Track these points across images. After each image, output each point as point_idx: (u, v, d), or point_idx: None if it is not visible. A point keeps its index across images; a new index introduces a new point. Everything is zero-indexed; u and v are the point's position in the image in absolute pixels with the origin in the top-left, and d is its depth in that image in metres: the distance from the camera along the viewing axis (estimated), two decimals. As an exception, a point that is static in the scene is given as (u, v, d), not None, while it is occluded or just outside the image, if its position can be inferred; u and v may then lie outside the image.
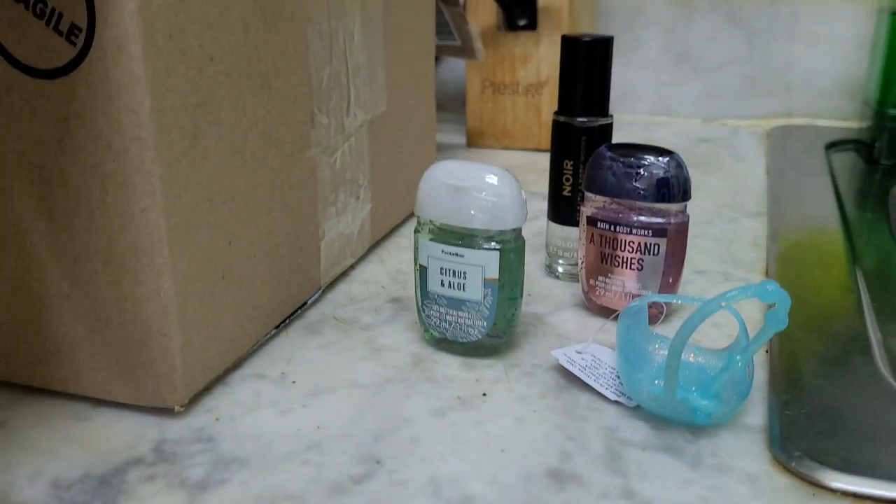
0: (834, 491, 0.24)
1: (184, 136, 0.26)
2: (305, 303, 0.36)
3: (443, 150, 0.63)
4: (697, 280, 0.40)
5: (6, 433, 0.27)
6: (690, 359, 0.28)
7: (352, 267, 0.41)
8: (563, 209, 0.38)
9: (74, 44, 0.24)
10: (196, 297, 0.28)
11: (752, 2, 0.72)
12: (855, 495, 0.24)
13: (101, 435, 0.27)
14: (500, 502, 0.24)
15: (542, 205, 0.42)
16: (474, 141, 0.66)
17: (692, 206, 0.35)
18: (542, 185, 0.41)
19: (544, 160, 0.40)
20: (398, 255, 0.43)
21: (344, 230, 0.39)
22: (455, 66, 0.76)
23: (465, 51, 0.60)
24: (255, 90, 0.30)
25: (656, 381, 0.27)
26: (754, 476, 0.25)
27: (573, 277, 0.39)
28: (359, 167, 0.40)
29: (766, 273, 0.41)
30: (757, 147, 0.66)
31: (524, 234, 0.32)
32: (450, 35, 0.60)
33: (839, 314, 0.36)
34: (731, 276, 0.40)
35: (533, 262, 0.41)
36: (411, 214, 0.48)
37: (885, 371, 0.31)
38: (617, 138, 0.39)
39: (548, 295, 0.38)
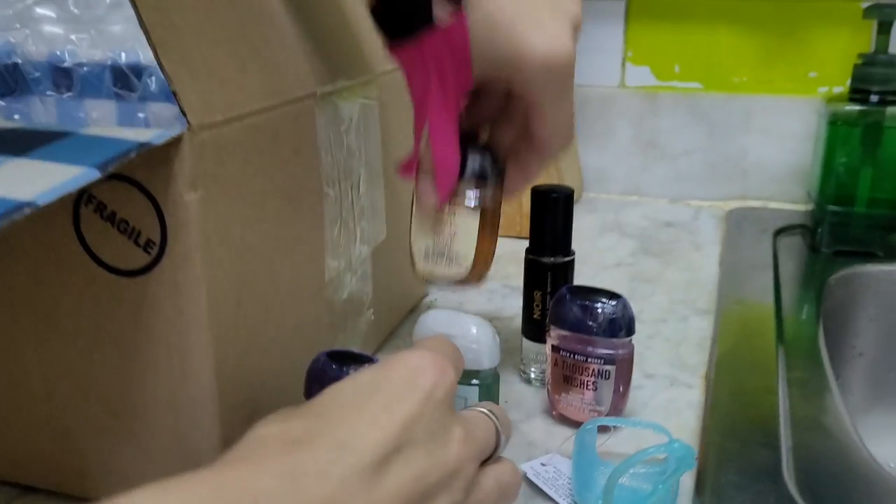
0: (733, 589, 0.32)
1: (230, 307, 0.34)
2: None
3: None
4: (647, 385, 0.47)
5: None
6: (626, 482, 0.35)
7: None
8: (534, 329, 0.46)
9: (150, 253, 0.32)
10: (238, 422, 0.35)
11: (711, 99, 0.80)
12: (748, 593, 0.31)
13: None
14: None
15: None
16: (462, 228, 0.73)
17: (655, 306, 0.42)
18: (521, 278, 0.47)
19: (524, 247, 0.47)
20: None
21: (349, 344, 0.47)
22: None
23: None
24: (282, 257, 0.38)
25: (598, 501, 0.34)
26: (673, 578, 0.32)
27: (542, 383, 0.47)
28: (363, 290, 0.48)
29: (706, 378, 0.48)
30: (714, 232, 0.74)
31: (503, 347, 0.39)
32: None
33: (759, 422, 0.43)
34: (676, 381, 0.48)
35: (511, 363, 0.48)
36: (408, 314, 0.56)
37: (788, 481, 0.38)
38: (592, 217, 0.46)
39: (521, 402, 0.45)
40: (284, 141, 0.37)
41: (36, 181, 0.26)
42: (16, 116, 0.68)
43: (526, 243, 0.47)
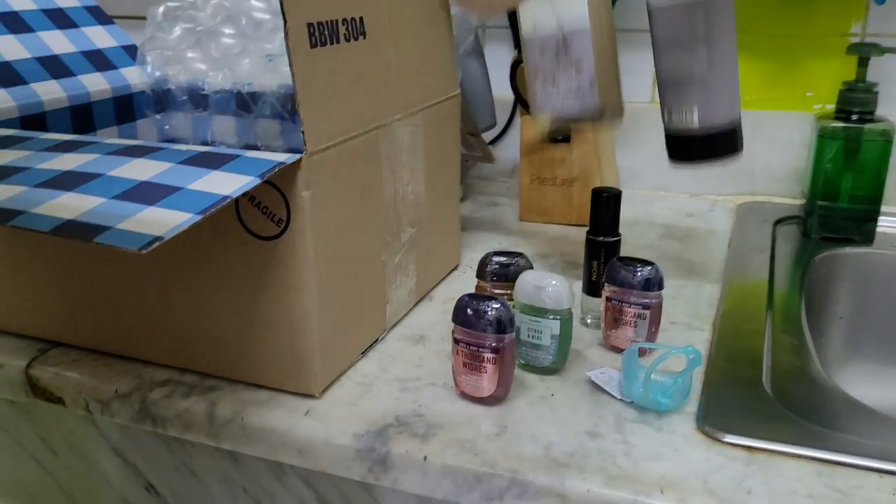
0: (724, 442, 0.51)
1: (324, 262, 0.53)
2: (378, 339, 0.64)
3: (501, 224, 0.90)
4: (671, 328, 0.67)
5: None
6: (657, 378, 0.55)
7: (406, 315, 0.68)
8: (592, 287, 0.65)
9: (280, 226, 0.52)
10: (328, 338, 0.55)
11: (726, 113, 0.98)
12: (734, 444, 0.51)
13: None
14: (567, 443, 0.51)
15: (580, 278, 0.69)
16: (524, 217, 0.93)
17: (677, 275, 0.61)
18: (575, 255, 0.67)
19: (574, 232, 0.66)
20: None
21: (399, 297, 0.66)
22: (514, 166, 1.04)
23: (486, 157, 0.89)
24: (356, 233, 0.57)
25: (640, 389, 0.54)
26: (685, 434, 0.52)
27: (596, 326, 0.66)
28: (409, 258, 0.67)
29: (713, 324, 0.67)
30: (726, 221, 0.93)
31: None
32: (472, 147, 0.88)
33: (748, 351, 0.62)
34: (691, 326, 0.67)
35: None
36: (440, 280, 0.76)
37: (766, 387, 0.57)
38: (627, 208, 0.66)
39: (582, 338, 0.65)
40: (360, 158, 0.57)
41: (228, 184, 0.46)
42: (166, 127, 0.90)
43: (577, 230, 0.66)
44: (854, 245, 0.86)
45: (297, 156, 0.50)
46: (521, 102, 0.90)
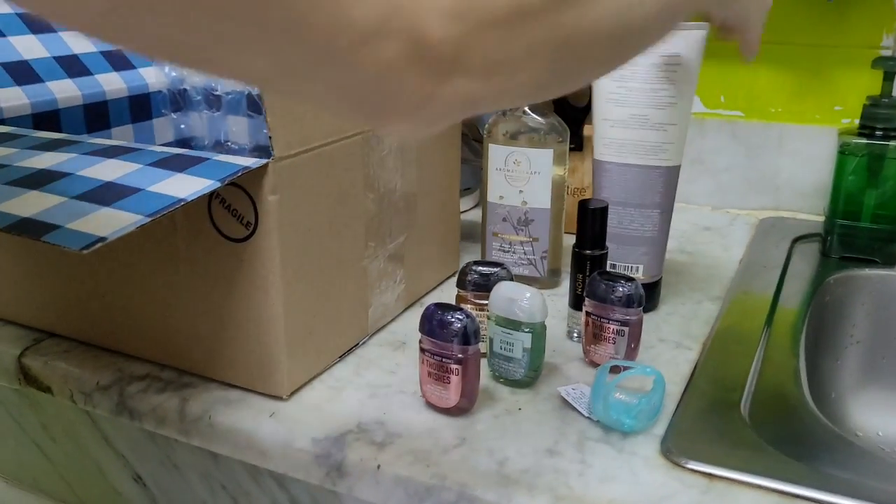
0: (685, 468, 0.49)
1: (293, 265, 0.54)
2: (358, 343, 0.64)
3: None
4: (659, 346, 0.65)
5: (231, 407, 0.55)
6: (622, 398, 0.53)
7: (392, 321, 0.68)
8: (577, 301, 0.64)
9: (248, 229, 0.52)
10: (298, 341, 0.55)
11: (751, 126, 0.96)
12: (694, 471, 0.49)
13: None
14: (523, 460, 0.50)
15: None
16: (535, 225, 0.92)
17: (678, 291, 0.60)
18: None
19: None
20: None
21: (384, 302, 0.66)
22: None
23: None
24: (331, 236, 0.57)
25: (601, 408, 0.52)
26: (646, 457, 0.50)
27: (581, 339, 0.65)
28: (396, 263, 0.67)
29: (704, 343, 0.65)
30: (744, 236, 0.90)
31: (558, 314, 0.58)
32: (480, 153, 0.88)
33: (732, 374, 0.60)
34: (680, 345, 0.65)
35: (559, 328, 0.67)
36: (435, 286, 0.75)
37: (744, 412, 0.55)
38: None
39: (565, 351, 0.64)
40: (339, 163, 0.57)
41: (187, 187, 0.47)
42: (182, 126, 0.91)
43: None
44: (875, 266, 0.82)
45: (265, 160, 0.50)
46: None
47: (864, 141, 0.82)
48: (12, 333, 0.67)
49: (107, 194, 0.46)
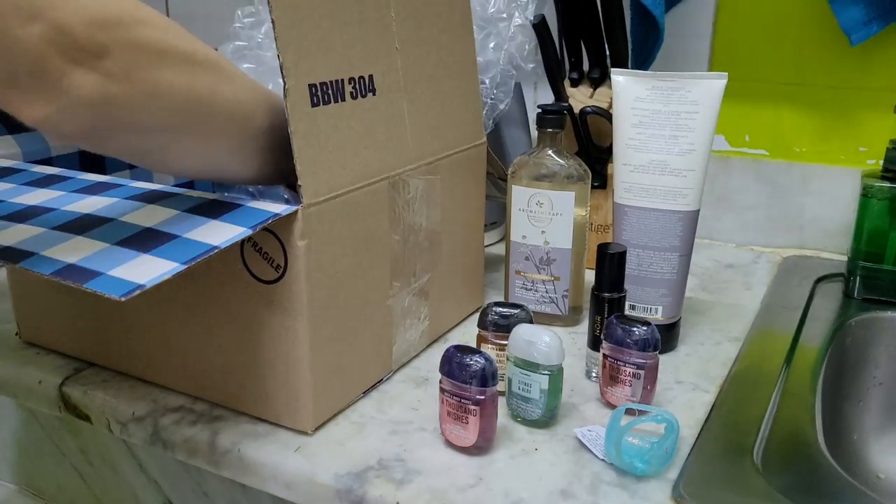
0: (696, 513, 0.51)
1: (321, 306, 0.56)
2: (382, 379, 0.66)
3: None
4: (676, 387, 0.66)
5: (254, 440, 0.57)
6: (635, 442, 0.55)
7: (416, 356, 0.70)
8: (595, 342, 0.66)
9: (278, 272, 0.55)
10: (323, 378, 0.57)
11: (776, 164, 0.97)
12: (705, 515, 0.50)
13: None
14: (533, 500, 0.51)
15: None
16: (559, 260, 0.94)
17: (697, 332, 0.62)
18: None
19: None
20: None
21: (409, 339, 0.68)
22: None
23: None
24: (357, 278, 0.60)
25: (616, 452, 0.54)
26: (658, 502, 0.52)
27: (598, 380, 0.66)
28: (421, 301, 0.69)
29: (721, 386, 0.66)
30: (767, 275, 0.91)
31: (578, 353, 0.59)
32: (504, 190, 0.90)
33: (748, 418, 0.61)
34: (697, 387, 0.66)
35: (578, 367, 0.68)
36: (459, 322, 0.77)
37: (756, 457, 0.56)
38: None
39: (583, 391, 0.65)
40: (365, 207, 0.60)
41: (221, 235, 0.49)
42: None
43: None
44: (897, 309, 0.82)
45: (294, 208, 0.53)
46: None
47: (888, 185, 0.82)
48: (54, 363, 0.71)
49: (146, 241, 0.48)
